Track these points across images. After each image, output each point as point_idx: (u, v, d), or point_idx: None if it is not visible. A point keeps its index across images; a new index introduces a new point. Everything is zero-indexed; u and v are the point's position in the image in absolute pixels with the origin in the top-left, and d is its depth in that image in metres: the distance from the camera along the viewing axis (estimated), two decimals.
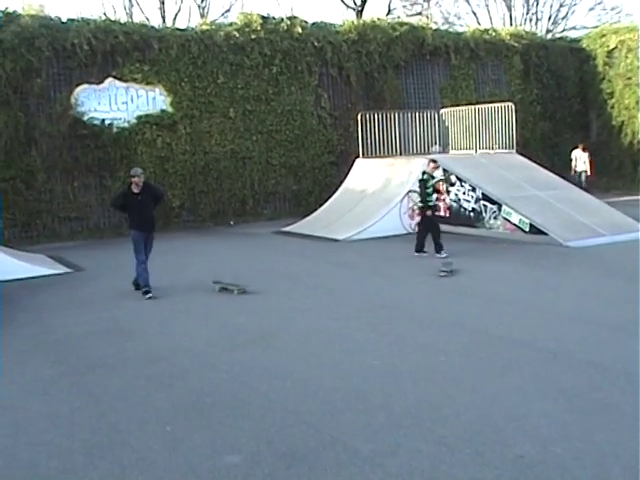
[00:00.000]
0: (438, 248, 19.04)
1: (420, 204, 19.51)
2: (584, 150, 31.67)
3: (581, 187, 30.65)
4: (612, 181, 34.39)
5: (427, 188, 19.21)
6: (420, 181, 19.46)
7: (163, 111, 28.24)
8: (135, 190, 15.87)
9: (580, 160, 31.96)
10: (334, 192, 28.17)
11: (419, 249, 19.41)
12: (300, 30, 30.57)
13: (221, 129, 29.33)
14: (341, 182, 28.37)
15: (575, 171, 32.10)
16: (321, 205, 28.13)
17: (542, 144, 36.87)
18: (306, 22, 31.22)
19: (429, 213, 19.28)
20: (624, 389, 8.74)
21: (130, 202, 15.95)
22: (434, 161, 19.89)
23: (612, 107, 36.50)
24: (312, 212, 27.94)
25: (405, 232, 23.90)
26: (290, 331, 12.27)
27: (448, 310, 13.31)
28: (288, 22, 30.64)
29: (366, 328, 12.21)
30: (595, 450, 7.14)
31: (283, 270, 18.25)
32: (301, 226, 26.18)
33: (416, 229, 23.28)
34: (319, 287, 16.01)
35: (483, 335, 11.41)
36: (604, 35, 37.06)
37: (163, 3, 52.38)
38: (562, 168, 33.45)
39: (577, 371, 9.49)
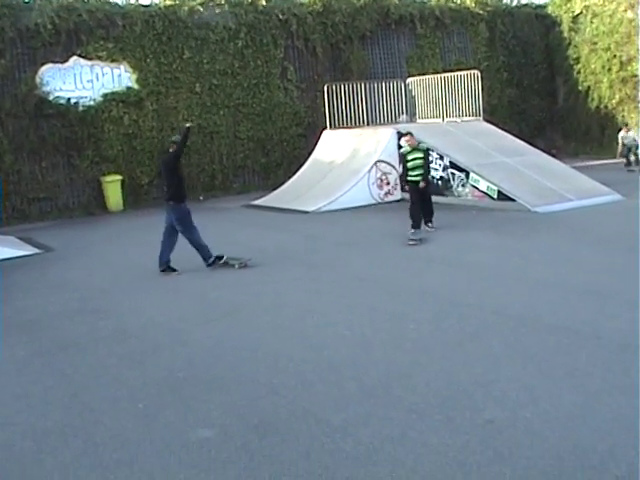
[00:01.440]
0: (417, 223, 17.74)
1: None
2: (628, 131, 30.69)
3: (628, 158, 29.91)
4: (580, 146, 34.39)
5: (407, 162, 18.23)
6: (401, 155, 18.90)
7: (129, 88, 28.05)
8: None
9: (629, 139, 30.72)
10: (302, 164, 28.01)
11: (418, 224, 17.72)
12: (264, 3, 30.29)
13: (188, 104, 29.10)
14: (309, 154, 28.18)
15: (622, 152, 30.46)
16: (290, 178, 27.95)
17: (509, 111, 36.80)
18: None
19: (407, 188, 18.81)
20: (592, 352, 8.79)
21: (179, 166, 14.88)
22: (409, 134, 18.51)
23: (578, 72, 36.29)
24: (281, 185, 27.80)
25: (374, 202, 23.95)
26: (261, 304, 12.21)
27: (417, 279, 13.29)
28: None
29: (336, 299, 12.18)
30: (563, 413, 7.22)
31: (253, 244, 18.14)
32: (270, 199, 26.06)
33: (385, 199, 23.46)
34: (289, 259, 15.94)
35: (452, 303, 11.39)
36: (569, 1, 36.76)
37: None
38: (530, 134, 33.57)
39: (546, 336, 9.51)
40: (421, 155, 18.16)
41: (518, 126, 34.88)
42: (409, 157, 18.22)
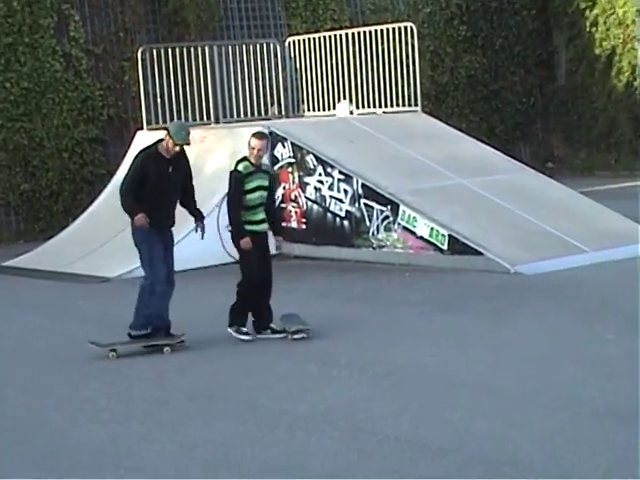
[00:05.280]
0: (261, 321, 12.15)
1: (231, 226, 12.48)
2: None
3: None
4: (596, 155, 26.56)
5: (246, 192, 12.30)
6: (231, 176, 12.44)
7: None
8: (165, 154, 11.03)
9: None
10: (99, 193, 20.86)
11: (236, 320, 12.07)
12: None
13: None
14: (112, 174, 20.88)
15: None
16: (76, 218, 20.58)
17: (470, 94, 27.33)
18: None
19: (244, 243, 12.18)
20: None
21: (151, 173, 11.15)
22: (260, 135, 12.55)
23: (594, 25, 26.71)
24: (61, 230, 20.35)
25: (232, 260, 16.69)
26: None
27: (308, 396, 9.28)
28: None
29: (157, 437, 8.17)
30: None
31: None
32: (40, 257, 19.34)
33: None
34: (73, 383, 10.53)
35: (369, 436, 7.78)
36: None
37: None
38: (507, 137, 26.83)
39: None
40: (266, 182, 12.62)
41: (486, 121, 27.03)
42: (249, 184, 12.35)
